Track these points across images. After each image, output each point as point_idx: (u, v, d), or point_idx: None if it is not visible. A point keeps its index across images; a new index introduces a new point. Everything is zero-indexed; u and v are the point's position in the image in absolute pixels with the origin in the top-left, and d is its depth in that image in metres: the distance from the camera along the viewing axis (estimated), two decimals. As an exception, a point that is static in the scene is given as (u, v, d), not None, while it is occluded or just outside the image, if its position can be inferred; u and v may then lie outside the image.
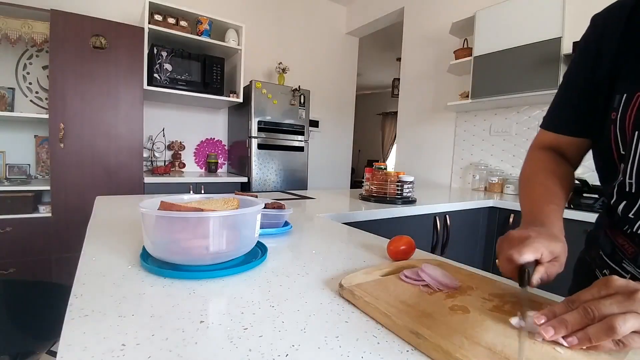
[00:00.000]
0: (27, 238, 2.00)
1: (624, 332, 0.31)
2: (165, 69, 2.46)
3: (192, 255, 0.52)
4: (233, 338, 0.35)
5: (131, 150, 2.28)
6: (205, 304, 0.43)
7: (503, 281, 0.53)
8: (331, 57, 4.03)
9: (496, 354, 0.31)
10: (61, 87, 2.04)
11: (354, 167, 5.67)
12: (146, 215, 0.51)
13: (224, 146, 3.31)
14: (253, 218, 0.56)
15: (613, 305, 0.32)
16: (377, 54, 5.37)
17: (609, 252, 0.58)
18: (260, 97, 2.79)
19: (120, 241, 0.67)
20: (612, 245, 0.57)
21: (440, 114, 3.03)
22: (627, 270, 0.54)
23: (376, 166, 1.63)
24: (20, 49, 2.33)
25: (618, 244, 0.56)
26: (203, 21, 2.63)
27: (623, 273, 0.54)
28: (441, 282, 0.48)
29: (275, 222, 0.82)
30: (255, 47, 3.33)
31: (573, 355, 0.32)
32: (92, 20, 2.12)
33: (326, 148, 4.11)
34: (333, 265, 0.60)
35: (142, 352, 0.32)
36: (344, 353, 0.33)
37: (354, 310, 0.43)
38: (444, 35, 2.89)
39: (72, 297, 0.42)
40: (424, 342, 0.34)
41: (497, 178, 2.43)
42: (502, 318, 0.39)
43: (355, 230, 0.92)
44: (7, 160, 2.34)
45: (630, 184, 0.51)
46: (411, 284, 0.48)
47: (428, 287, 0.47)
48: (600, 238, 0.61)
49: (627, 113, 0.49)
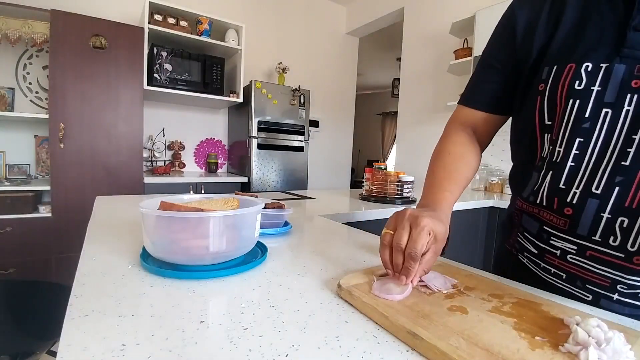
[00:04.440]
0: (27, 238, 2.00)
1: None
2: (165, 69, 2.46)
3: (192, 255, 0.52)
4: (233, 338, 0.35)
5: (131, 150, 2.28)
6: (205, 304, 0.43)
7: (503, 281, 0.53)
8: (331, 57, 4.03)
9: (494, 355, 0.31)
10: (61, 87, 2.04)
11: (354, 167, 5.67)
12: (146, 215, 0.51)
13: (224, 146, 3.31)
14: (253, 218, 0.56)
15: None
16: (377, 54, 5.37)
17: (535, 232, 0.59)
18: (260, 97, 2.79)
19: (120, 241, 0.68)
20: (539, 223, 0.57)
21: (440, 114, 3.03)
22: (556, 246, 0.54)
23: (376, 166, 1.63)
24: (20, 49, 2.33)
25: (546, 220, 0.56)
26: (203, 21, 2.63)
27: (552, 250, 0.55)
28: (440, 282, 0.48)
29: (275, 222, 0.82)
30: (255, 47, 3.33)
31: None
32: (92, 20, 2.12)
33: (326, 148, 4.11)
34: (333, 265, 0.60)
35: (142, 352, 0.32)
36: (344, 353, 0.33)
37: (354, 310, 0.43)
38: (444, 35, 2.89)
39: (72, 297, 0.42)
40: (421, 342, 0.34)
41: (497, 178, 2.43)
42: (501, 319, 0.39)
43: (355, 230, 0.92)
44: (7, 160, 2.34)
45: (559, 152, 0.53)
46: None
47: (427, 287, 0.47)
48: (523, 220, 0.62)
49: (560, 83, 0.52)
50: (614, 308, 0.49)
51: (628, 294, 0.49)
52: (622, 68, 0.47)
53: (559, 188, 0.53)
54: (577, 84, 0.50)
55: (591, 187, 0.50)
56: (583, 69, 0.50)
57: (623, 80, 0.47)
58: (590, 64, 0.49)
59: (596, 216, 0.49)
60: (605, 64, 0.48)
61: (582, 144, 0.50)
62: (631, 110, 0.47)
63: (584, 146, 0.50)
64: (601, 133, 0.49)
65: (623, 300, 0.50)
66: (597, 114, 0.49)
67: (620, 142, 0.47)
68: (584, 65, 0.50)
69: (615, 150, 0.48)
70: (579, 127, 0.50)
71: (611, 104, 0.48)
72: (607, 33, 0.49)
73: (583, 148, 0.50)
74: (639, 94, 0.46)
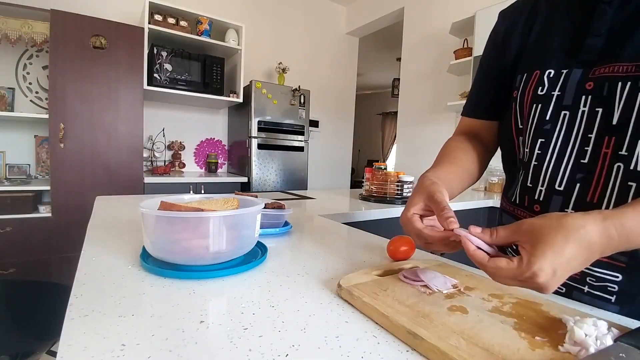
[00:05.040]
0: (27, 238, 2.00)
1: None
2: (165, 69, 2.46)
3: (192, 255, 0.52)
4: (233, 338, 0.35)
5: (131, 150, 2.28)
6: (205, 304, 0.43)
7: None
8: (331, 57, 4.03)
9: (494, 355, 0.31)
10: (61, 87, 2.04)
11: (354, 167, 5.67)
12: (146, 215, 0.51)
13: (224, 146, 3.31)
14: (253, 218, 0.56)
15: (507, 280, 0.37)
16: (377, 54, 5.37)
17: None
18: (260, 97, 2.79)
19: (120, 241, 0.68)
20: (516, 220, 0.60)
21: (440, 114, 3.03)
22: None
23: (376, 166, 1.63)
24: (20, 49, 2.32)
25: (520, 217, 0.59)
26: (203, 21, 2.63)
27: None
28: (440, 282, 0.48)
29: (275, 222, 0.82)
30: (255, 47, 3.33)
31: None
32: (92, 20, 2.11)
33: (326, 148, 4.11)
34: (333, 265, 0.60)
35: (142, 352, 0.32)
36: (344, 353, 0.33)
37: (354, 310, 0.43)
38: (444, 35, 2.89)
39: (72, 297, 0.42)
40: (421, 342, 0.34)
41: (497, 178, 2.43)
42: (501, 319, 0.39)
43: (355, 230, 0.92)
44: (7, 160, 2.34)
45: (526, 152, 0.57)
46: (410, 284, 0.48)
47: (427, 287, 0.47)
48: (503, 219, 0.65)
49: (527, 89, 0.57)
50: (586, 300, 0.51)
51: (597, 286, 0.51)
52: (579, 72, 0.51)
53: (527, 186, 0.57)
54: (540, 90, 0.55)
55: (554, 185, 0.53)
56: (546, 75, 0.54)
57: (579, 84, 0.51)
58: (553, 70, 0.54)
59: (561, 212, 0.51)
60: (565, 70, 0.52)
61: (543, 144, 0.54)
62: (586, 110, 0.50)
63: (545, 146, 0.54)
64: (560, 133, 0.53)
65: (593, 293, 0.51)
66: (557, 117, 0.53)
67: (578, 141, 0.51)
68: (547, 71, 0.54)
69: (574, 149, 0.51)
70: (540, 128, 0.54)
71: (569, 107, 0.52)
72: (566, 41, 0.53)
73: (544, 148, 0.54)
74: (592, 94, 0.49)
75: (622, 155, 0.47)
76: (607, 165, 0.48)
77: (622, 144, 0.46)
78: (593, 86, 0.49)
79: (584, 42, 0.51)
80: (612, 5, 0.48)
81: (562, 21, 0.55)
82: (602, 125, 0.48)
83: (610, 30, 0.48)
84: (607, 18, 0.49)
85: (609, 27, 0.48)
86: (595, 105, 0.49)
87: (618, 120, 0.47)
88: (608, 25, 0.49)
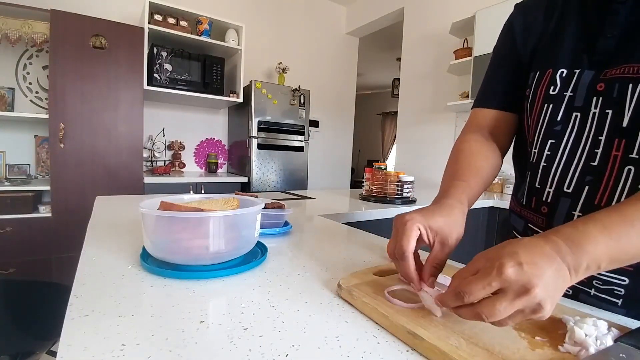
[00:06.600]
0: (27, 238, 2.00)
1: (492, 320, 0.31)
2: (165, 69, 2.46)
3: (192, 255, 0.52)
4: (233, 338, 0.35)
5: (131, 150, 2.28)
6: (205, 304, 0.43)
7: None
8: (331, 57, 4.03)
9: (494, 355, 0.31)
10: (61, 87, 2.04)
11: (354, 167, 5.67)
12: (146, 215, 0.51)
13: (224, 146, 3.31)
14: (253, 218, 0.56)
15: (480, 289, 0.31)
16: (377, 54, 5.37)
17: (521, 230, 0.62)
18: (260, 97, 2.79)
19: (120, 241, 0.68)
20: (524, 221, 0.61)
21: (440, 114, 3.03)
22: None
23: (376, 166, 1.63)
24: (20, 49, 2.32)
25: (528, 218, 0.59)
26: (203, 21, 2.63)
27: None
28: (440, 282, 0.48)
29: (275, 222, 0.82)
30: (255, 47, 3.33)
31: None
32: (92, 20, 2.11)
33: (326, 148, 4.11)
34: (333, 265, 0.60)
35: (142, 352, 0.32)
36: (344, 353, 0.33)
37: (354, 310, 0.43)
38: (444, 35, 2.89)
39: (72, 297, 0.42)
40: (421, 342, 0.34)
41: (497, 178, 2.43)
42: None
43: (355, 230, 0.92)
44: (7, 160, 2.34)
45: (535, 153, 0.57)
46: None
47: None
48: (512, 219, 0.65)
49: (539, 88, 0.56)
50: (592, 303, 0.51)
51: (604, 289, 0.51)
52: (591, 74, 0.50)
53: (535, 187, 0.57)
54: (552, 90, 0.54)
55: (563, 187, 0.52)
56: (558, 75, 0.53)
57: (590, 85, 0.50)
58: (565, 70, 0.53)
59: (568, 214, 0.51)
60: (577, 70, 0.52)
61: (553, 145, 0.53)
62: (597, 112, 0.49)
63: (555, 147, 0.53)
64: (571, 135, 0.52)
65: (599, 296, 0.51)
66: (568, 118, 0.52)
67: (588, 143, 0.50)
68: (559, 71, 0.53)
69: (584, 151, 0.50)
70: (551, 130, 0.54)
71: (580, 108, 0.51)
72: (579, 40, 0.53)
73: (554, 149, 0.53)
74: (603, 96, 0.49)
75: (632, 158, 0.46)
76: (617, 168, 0.47)
77: (632, 147, 0.46)
78: (604, 87, 0.49)
79: (596, 43, 0.50)
80: (625, 5, 0.48)
81: (575, 19, 0.54)
82: (612, 127, 0.48)
83: (623, 31, 0.48)
84: (619, 19, 0.48)
85: (621, 28, 0.48)
86: (606, 107, 0.48)
87: (628, 123, 0.46)
88: (621, 26, 0.48)
